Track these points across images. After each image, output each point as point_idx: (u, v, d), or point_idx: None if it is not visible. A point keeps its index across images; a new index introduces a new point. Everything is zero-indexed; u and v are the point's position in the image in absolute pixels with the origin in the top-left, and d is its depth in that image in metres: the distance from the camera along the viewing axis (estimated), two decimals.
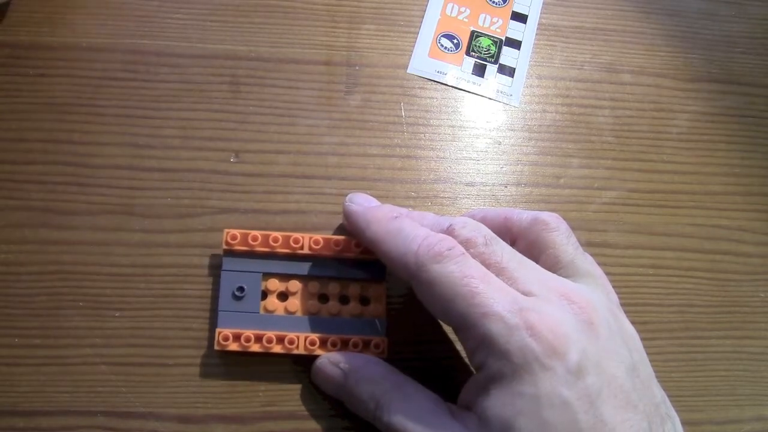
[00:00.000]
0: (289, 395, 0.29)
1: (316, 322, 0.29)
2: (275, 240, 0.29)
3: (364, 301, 0.30)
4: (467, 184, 0.35)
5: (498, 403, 0.23)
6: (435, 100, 0.37)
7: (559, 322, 0.24)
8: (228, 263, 0.29)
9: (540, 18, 0.41)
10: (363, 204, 0.30)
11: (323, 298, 0.30)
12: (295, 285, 0.30)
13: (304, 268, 0.30)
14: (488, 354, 0.23)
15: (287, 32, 0.37)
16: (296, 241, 0.29)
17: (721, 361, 0.34)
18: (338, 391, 0.28)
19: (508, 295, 0.24)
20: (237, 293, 0.29)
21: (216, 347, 0.28)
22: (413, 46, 0.38)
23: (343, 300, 0.30)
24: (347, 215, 0.29)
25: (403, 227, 0.26)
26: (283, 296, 0.30)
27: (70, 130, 0.33)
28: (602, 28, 0.41)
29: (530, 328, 0.23)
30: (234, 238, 0.29)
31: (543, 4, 0.41)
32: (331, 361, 0.28)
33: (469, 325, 0.24)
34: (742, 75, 0.41)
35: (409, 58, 0.38)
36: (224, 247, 0.29)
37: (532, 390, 0.22)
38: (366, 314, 0.30)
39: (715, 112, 0.39)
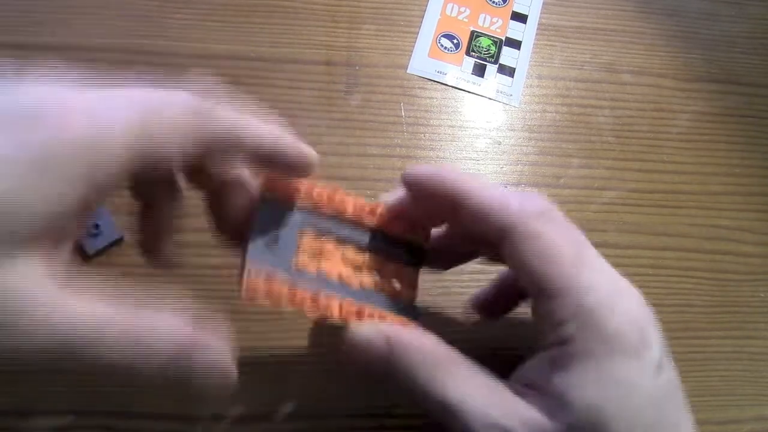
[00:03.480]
0: (290, 395, 0.29)
1: (349, 291, 0.26)
2: (319, 195, 0.26)
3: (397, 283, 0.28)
4: None
5: (585, 384, 0.21)
6: (435, 100, 0.37)
7: (644, 313, 0.23)
8: (264, 209, 0.25)
9: (540, 18, 0.41)
10: (428, 166, 0.26)
11: (358, 269, 0.27)
12: (330, 247, 0.27)
13: (343, 231, 0.27)
14: (583, 328, 0.22)
15: (287, 32, 0.37)
16: (341, 202, 0.27)
17: (721, 361, 0.34)
18: (379, 365, 0.23)
19: (607, 272, 0.23)
20: (271, 242, 0.25)
21: (244, 294, 0.23)
22: (413, 46, 0.38)
23: (377, 276, 0.27)
24: (420, 177, 0.25)
25: (495, 186, 0.25)
26: (316, 256, 0.26)
27: None
28: (602, 28, 0.41)
29: (628, 312, 0.22)
30: (273, 185, 0.26)
31: (543, 4, 0.41)
32: (372, 329, 0.24)
33: (569, 293, 0.22)
34: (742, 75, 0.41)
35: (409, 58, 0.38)
36: (262, 191, 0.25)
37: (626, 375, 0.21)
38: (401, 296, 0.27)
39: (715, 112, 0.39)
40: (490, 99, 0.38)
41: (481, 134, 0.37)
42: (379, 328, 0.24)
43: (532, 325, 0.24)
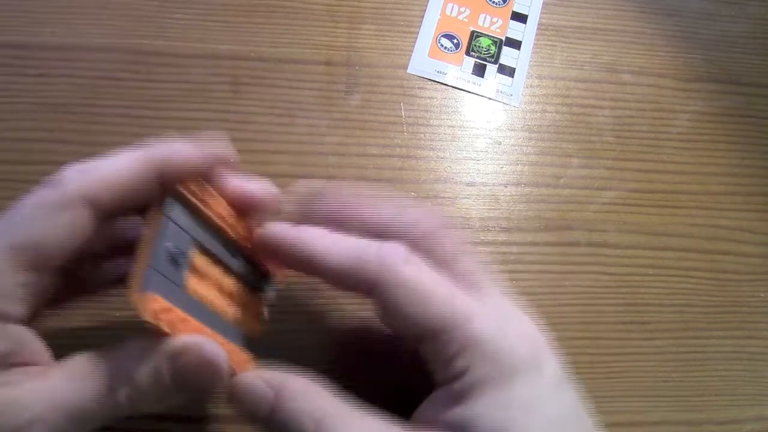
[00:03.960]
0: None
1: (220, 324, 0.24)
2: (223, 213, 0.25)
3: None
4: (467, 184, 0.35)
5: (487, 411, 0.21)
6: (435, 100, 0.37)
7: (536, 333, 0.23)
8: (176, 212, 0.23)
9: (540, 18, 0.41)
10: (282, 227, 0.25)
11: (229, 296, 0.25)
12: (213, 271, 0.25)
13: (227, 255, 0.25)
14: (476, 357, 0.21)
15: (287, 32, 0.37)
16: (234, 225, 0.25)
17: (721, 361, 0.34)
18: (264, 414, 0.22)
19: (495, 297, 0.23)
20: (172, 254, 0.22)
21: (146, 315, 0.21)
22: (413, 46, 0.38)
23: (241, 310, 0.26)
24: (271, 242, 0.25)
25: (347, 237, 0.24)
26: (201, 278, 0.24)
27: (70, 130, 0.33)
28: (602, 28, 0.41)
29: (518, 333, 0.22)
30: (193, 187, 0.24)
31: (543, 4, 0.41)
32: (257, 377, 0.23)
33: (454, 326, 0.22)
34: (742, 75, 0.41)
35: (409, 58, 0.38)
36: (180, 189, 0.23)
37: (527, 395, 0.21)
38: (241, 323, 0.26)
39: (715, 112, 0.40)
40: (490, 99, 0.38)
41: (481, 134, 0.37)
42: (265, 376, 0.23)
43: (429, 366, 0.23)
